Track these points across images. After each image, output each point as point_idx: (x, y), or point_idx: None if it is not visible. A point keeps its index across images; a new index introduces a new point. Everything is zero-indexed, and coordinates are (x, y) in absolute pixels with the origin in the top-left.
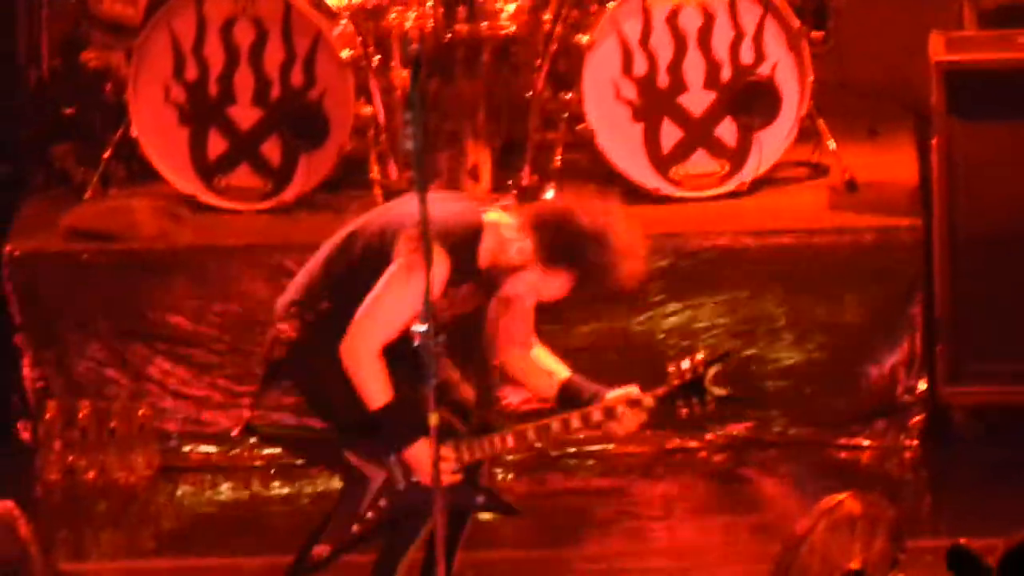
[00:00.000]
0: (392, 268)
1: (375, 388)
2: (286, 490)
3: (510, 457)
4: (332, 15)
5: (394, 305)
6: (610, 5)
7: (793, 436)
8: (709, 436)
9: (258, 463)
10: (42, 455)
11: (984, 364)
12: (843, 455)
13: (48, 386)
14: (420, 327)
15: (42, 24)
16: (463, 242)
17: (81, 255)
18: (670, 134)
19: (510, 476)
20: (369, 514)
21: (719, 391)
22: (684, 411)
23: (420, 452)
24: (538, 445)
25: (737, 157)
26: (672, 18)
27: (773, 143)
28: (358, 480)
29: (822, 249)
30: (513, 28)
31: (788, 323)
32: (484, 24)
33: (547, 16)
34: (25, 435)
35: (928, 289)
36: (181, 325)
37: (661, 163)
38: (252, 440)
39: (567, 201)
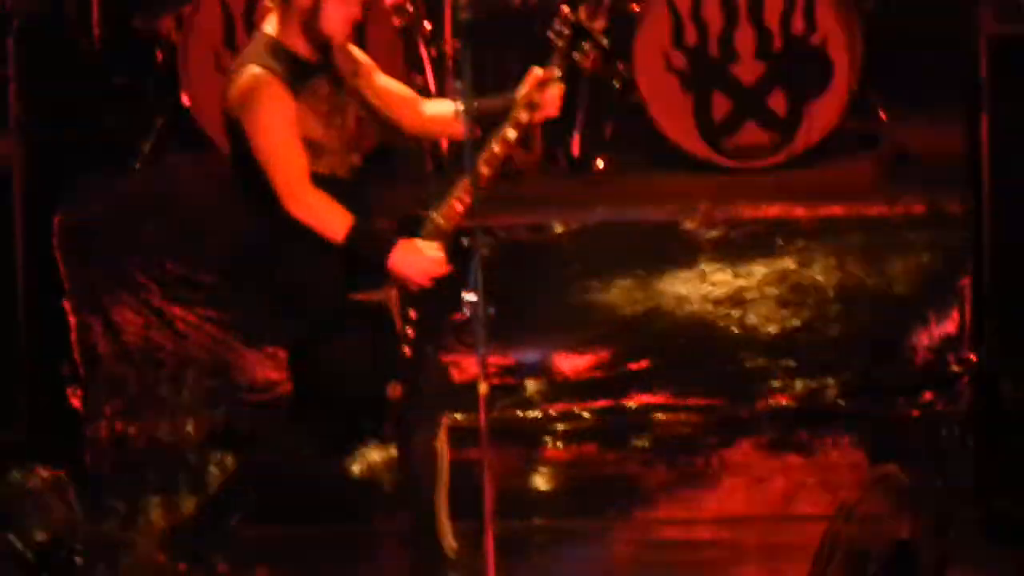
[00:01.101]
0: (243, 124)
1: (333, 218)
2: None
3: (559, 426)
4: None
5: (283, 144)
6: None
7: (843, 406)
8: (760, 405)
9: None
10: (92, 422)
11: None
12: (893, 425)
13: (97, 353)
14: (471, 296)
15: None
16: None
17: (130, 223)
18: (721, 104)
19: (559, 444)
20: (408, 330)
21: (600, 23)
22: (587, 61)
23: (402, 255)
24: (493, 171)
25: (788, 128)
26: None
27: (824, 114)
28: (377, 312)
29: (872, 221)
30: None
31: (837, 294)
32: None
33: None
34: (74, 402)
35: (977, 261)
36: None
37: (712, 133)
38: None
39: None
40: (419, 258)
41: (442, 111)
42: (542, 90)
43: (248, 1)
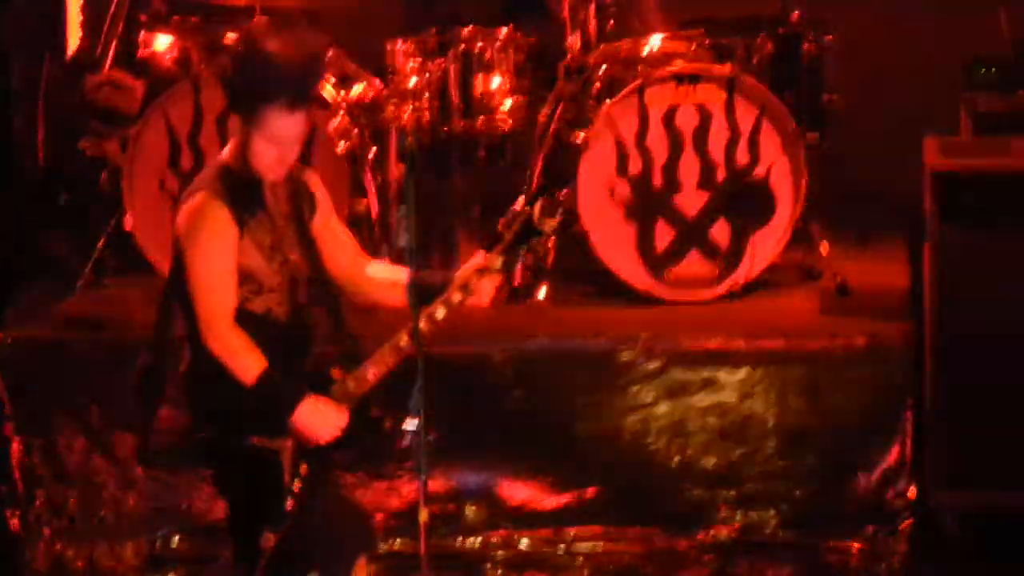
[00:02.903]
0: (183, 250)
1: (246, 361)
2: None
3: (500, 554)
4: (328, 108)
5: (215, 276)
6: (607, 103)
7: (782, 538)
8: (700, 537)
9: None
10: (30, 544)
11: (974, 470)
12: (832, 559)
13: (37, 475)
14: (411, 425)
15: (39, 113)
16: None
17: (71, 345)
18: (664, 234)
19: (498, 571)
20: (296, 484)
21: (552, 222)
22: (530, 257)
23: (307, 413)
24: (409, 350)
25: (730, 259)
26: (668, 118)
27: (767, 245)
28: (269, 460)
29: (813, 354)
30: (509, 124)
31: (778, 426)
32: (480, 120)
33: (543, 113)
34: (13, 523)
35: (918, 394)
36: (169, 416)
37: (654, 264)
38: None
39: None
40: (322, 419)
41: (386, 276)
42: (480, 277)
43: (194, 124)
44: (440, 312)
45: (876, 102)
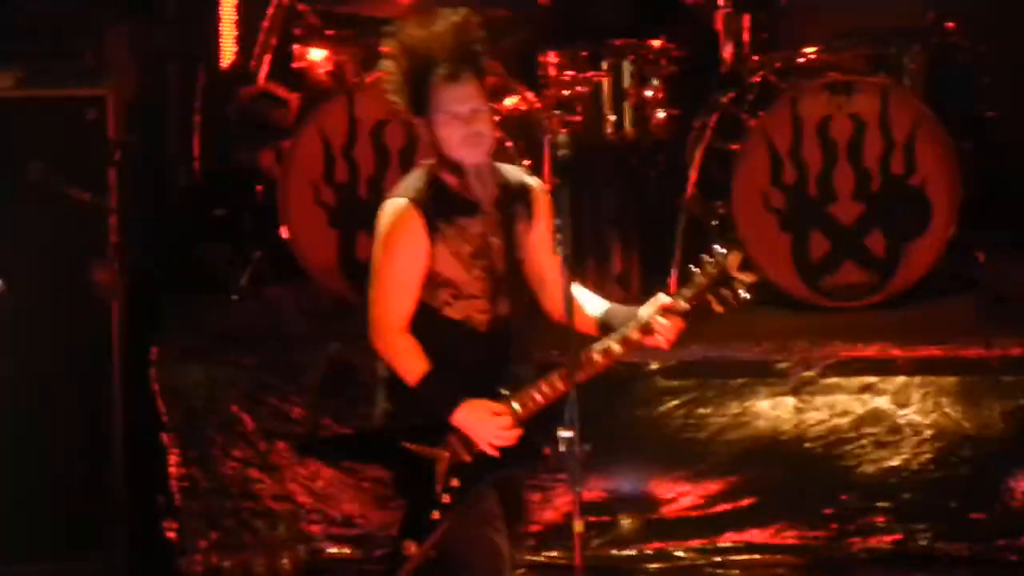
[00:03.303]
0: (374, 249)
1: (409, 364)
2: None
3: (653, 566)
4: None
5: (392, 282)
6: (760, 114)
7: (938, 549)
8: (856, 547)
9: None
10: (186, 555)
11: None
12: (987, 569)
13: (194, 485)
14: (567, 433)
15: (194, 126)
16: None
17: (227, 355)
18: (819, 244)
19: None
20: (445, 497)
21: (747, 277)
22: (719, 308)
23: (467, 415)
24: (586, 377)
25: (886, 268)
26: (822, 128)
27: (922, 255)
28: (423, 467)
29: (969, 362)
30: (662, 135)
31: (934, 435)
32: (633, 131)
33: (697, 123)
34: (170, 534)
35: None
36: (326, 426)
37: (809, 273)
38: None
39: None
40: (486, 420)
41: (581, 303)
42: (664, 318)
43: (348, 136)
44: (616, 347)
45: None
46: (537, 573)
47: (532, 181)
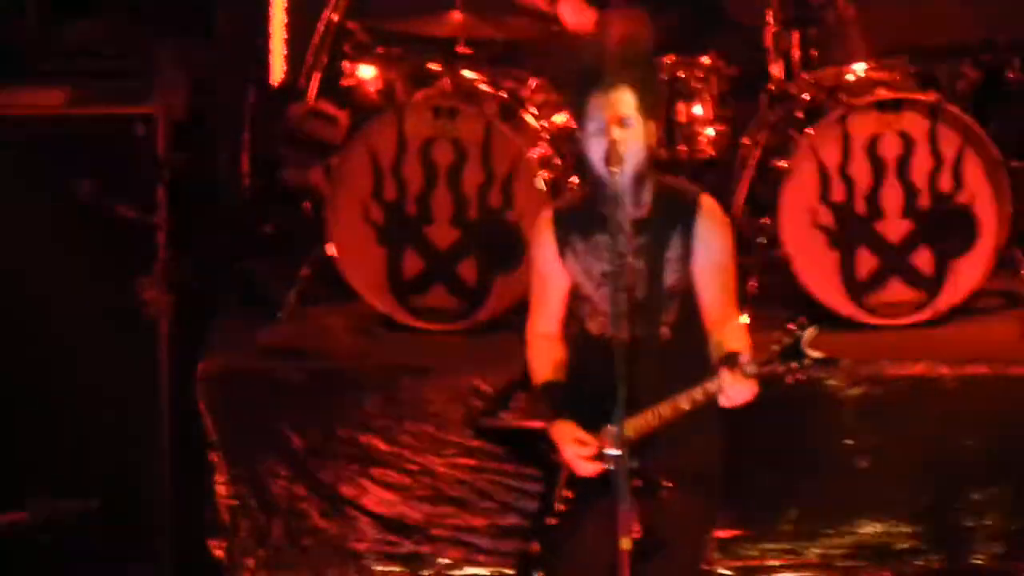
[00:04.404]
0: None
1: (536, 367)
2: None
3: None
4: (532, 136)
5: (531, 285)
6: (809, 131)
7: (988, 569)
8: (906, 568)
9: None
10: (234, 573)
11: None
12: None
13: (241, 503)
14: (613, 451)
15: (243, 143)
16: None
17: (274, 373)
18: (866, 261)
19: None
20: (558, 506)
21: (816, 354)
22: (788, 379)
23: (555, 433)
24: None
25: (933, 285)
26: (871, 145)
27: (970, 272)
28: (550, 469)
29: (1018, 380)
30: (711, 152)
31: (982, 453)
32: (683, 147)
33: (746, 140)
34: (218, 553)
35: None
36: (373, 444)
37: (856, 290)
38: (444, 561)
39: None
40: (566, 444)
41: (721, 349)
42: (734, 378)
43: (397, 154)
44: (699, 395)
45: None
46: None
47: (696, 195)
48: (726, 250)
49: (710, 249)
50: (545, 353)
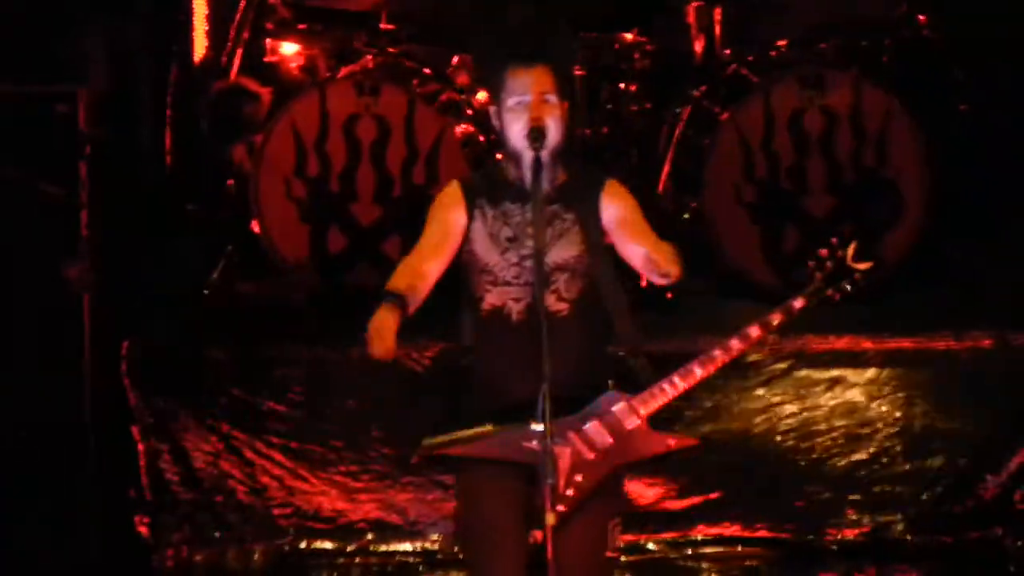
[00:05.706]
0: None
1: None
2: None
3: (625, 558)
4: (456, 113)
5: (424, 229)
6: (732, 107)
7: (910, 540)
8: (827, 539)
9: (374, 560)
10: (159, 550)
11: None
12: (962, 561)
13: (166, 480)
14: (537, 427)
15: (165, 120)
16: None
17: (199, 350)
18: (791, 237)
19: None
20: (569, 492)
21: (864, 265)
22: (836, 296)
23: (378, 317)
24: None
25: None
26: (794, 121)
27: (894, 247)
28: (546, 465)
29: (940, 354)
30: (635, 129)
31: (905, 427)
32: (606, 127)
33: (669, 117)
34: (143, 529)
35: None
36: (299, 420)
37: (781, 264)
38: (369, 536)
39: None
40: (373, 325)
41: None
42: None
43: (320, 131)
44: (736, 344)
45: None
46: None
47: (604, 176)
48: (636, 208)
49: (619, 207)
50: (407, 274)
